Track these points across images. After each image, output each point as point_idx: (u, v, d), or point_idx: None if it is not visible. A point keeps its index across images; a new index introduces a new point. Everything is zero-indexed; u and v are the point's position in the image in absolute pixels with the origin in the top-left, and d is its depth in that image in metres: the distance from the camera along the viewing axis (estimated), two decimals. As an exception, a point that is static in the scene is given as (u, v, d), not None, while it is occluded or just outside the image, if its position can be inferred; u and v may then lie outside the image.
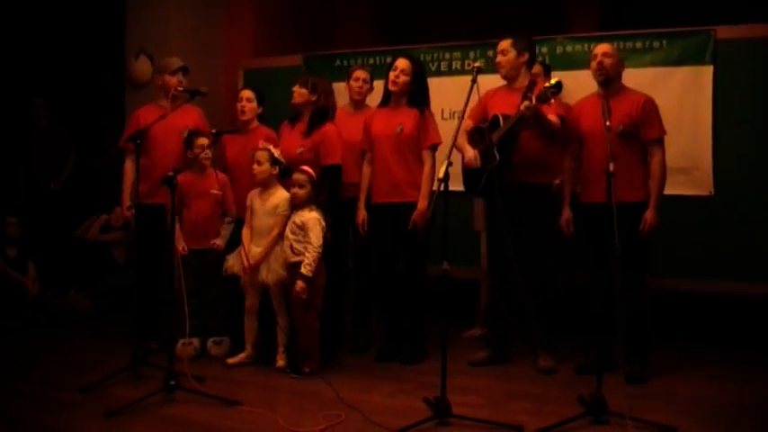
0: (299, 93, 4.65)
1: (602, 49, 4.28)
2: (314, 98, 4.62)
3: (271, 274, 4.40)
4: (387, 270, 4.68)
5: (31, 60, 7.26)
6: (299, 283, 4.18)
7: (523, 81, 4.39)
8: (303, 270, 4.19)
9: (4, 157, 6.99)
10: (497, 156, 4.26)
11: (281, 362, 4.42)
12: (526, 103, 4.10)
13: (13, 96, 7.06)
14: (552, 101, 4.13)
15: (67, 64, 7.39)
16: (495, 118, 4.35)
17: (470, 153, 4.42)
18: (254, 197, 4.54)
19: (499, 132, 4.29)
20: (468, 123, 4.50)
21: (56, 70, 7.35)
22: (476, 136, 4.47)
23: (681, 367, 4.47)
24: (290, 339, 4.44)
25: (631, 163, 4.18)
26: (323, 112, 4.65)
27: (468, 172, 4.48)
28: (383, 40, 6.87)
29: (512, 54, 4.46)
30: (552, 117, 4.29)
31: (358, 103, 5.01)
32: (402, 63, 4.56)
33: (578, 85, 4.69)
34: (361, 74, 4.97)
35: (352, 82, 4.98)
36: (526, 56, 4.49)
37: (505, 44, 4.48)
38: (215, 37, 6.71)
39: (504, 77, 4.54)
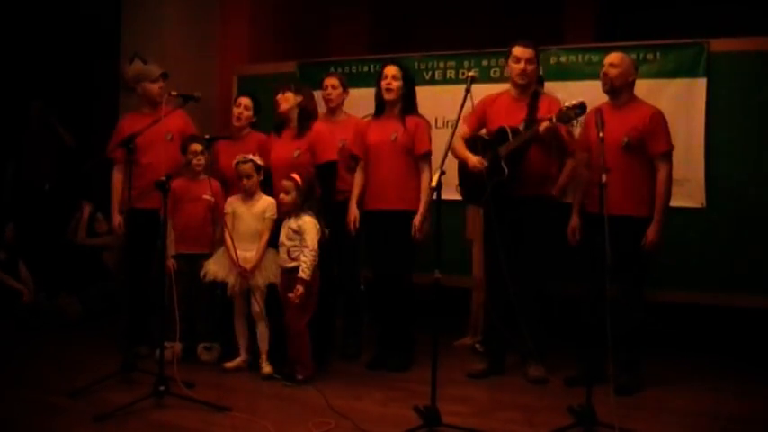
0: (285, 98, 4.65)
1: (609, 59, 4.22)
2: (300, 99, 4.64)
3: (262, 279, 4.42)
4: (380, 277, 4.68)
5: (26, 62, 7.23)
6: (299, 288, 4.17)
7: (529, 91, 4.40)
8: (302, 274, 4.17)
9: None
10: (506, 169, 4.21)
11: (266, 368, 4.41)
12: (546, 124, 4.04)
13: (7, 97, 7.04)
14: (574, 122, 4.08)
15: (62, 66, 7.37)
16: (503, 131, 4.29)
17: (474, 159, 4.33)
18: (235, 203, 4.57)
19: (509, 147, 4.23)
20: (464, 128, 4.43)
21: (51, 72, 7.33)
22: (476, 145, 4.40)
23: (672, 379, 4.47)
24: (276, 346, 4.43)
25: (637, 177, 4.11)
26: (310, 112, 4.67)
27: (468, 181, 4.41)
28: (378, 48, 6.88)
29: (535, 65, 4.40)
30: (564, 133, 4.25)
31: (332, 111, 5.03)
32: (391, 69, 4.57)
33: (571, 96, 4.69)
34: (329, 81, 5.01)
35: (322, 90, 5.02)
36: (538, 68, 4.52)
37: (532, 53, 4.36)
38: (209, 42, 6.72)
39: (524, 87, 4.41)
